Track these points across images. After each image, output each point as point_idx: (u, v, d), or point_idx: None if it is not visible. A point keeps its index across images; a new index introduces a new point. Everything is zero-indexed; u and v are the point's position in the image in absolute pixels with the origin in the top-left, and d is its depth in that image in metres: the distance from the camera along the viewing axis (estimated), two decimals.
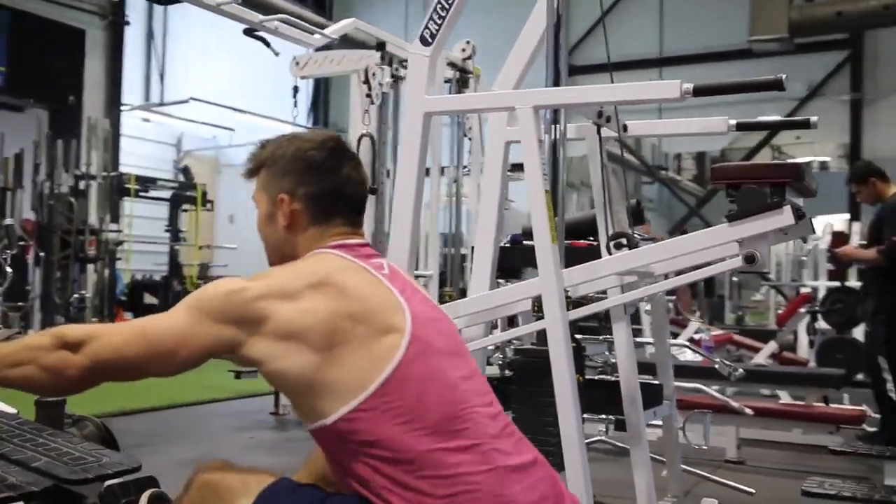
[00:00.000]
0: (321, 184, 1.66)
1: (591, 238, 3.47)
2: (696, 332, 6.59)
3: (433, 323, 1.59)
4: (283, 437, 5.45)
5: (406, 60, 5.77)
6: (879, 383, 5.39)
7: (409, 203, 2.87)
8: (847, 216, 12.32)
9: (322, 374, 1.45)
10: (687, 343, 4.48)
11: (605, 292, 3.10)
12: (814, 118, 2.91)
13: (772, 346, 6.64)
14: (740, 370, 3.55)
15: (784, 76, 2.34)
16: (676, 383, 3.67)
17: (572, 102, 2.68)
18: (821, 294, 8.48)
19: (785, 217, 2.41)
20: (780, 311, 13.15)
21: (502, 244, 3.39)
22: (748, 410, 4.05)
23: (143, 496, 2.39)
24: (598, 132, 3.01)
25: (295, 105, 6.67)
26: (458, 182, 5.98)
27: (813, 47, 11.87)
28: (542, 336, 3.13)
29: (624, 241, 2.83)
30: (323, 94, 15.54)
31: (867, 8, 10.77)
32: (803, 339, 8.19)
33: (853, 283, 8.32)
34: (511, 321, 3.50)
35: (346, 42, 7.02)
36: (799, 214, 2.52)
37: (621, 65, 3.70)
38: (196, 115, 14.88)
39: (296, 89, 6.67)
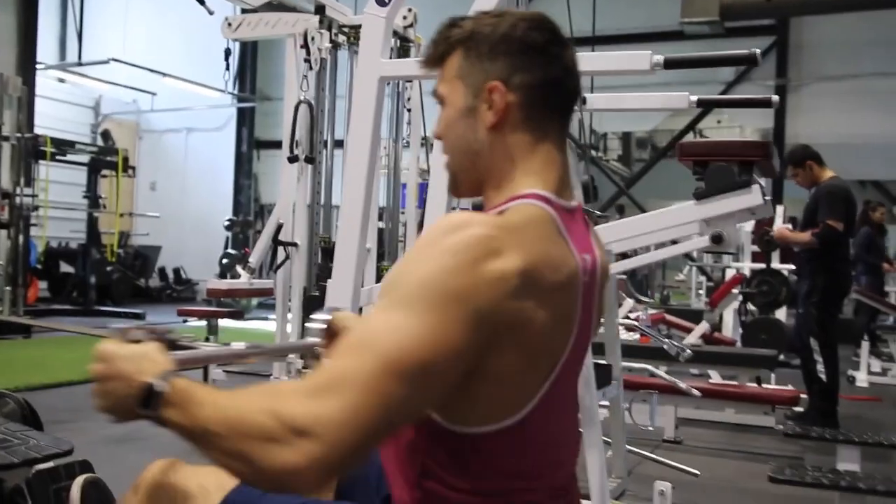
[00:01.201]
0: (543, 71, 1.25)
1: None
2: (631, 311, 6.61)
3: (579, 361, 1.28)
4: None
5: (345, 26, 5.59)
6: (809, 364, 5.49)
7: (363, 172, 2.73)
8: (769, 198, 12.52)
9: (502, 394, 1.14)
10: (637, 323, 4.45)
11: None
12: (775, 97, 2.87)
13: (704, 327, 6.71)
14: (688, 351, 3.53)
15: (758, 51, 2.27)
16: (623, 363, 3.63)
17: None
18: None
19: (754, 196, 2.36)
20: (700, 291, 13.47)
21: None
22: (696, 392, 4.04)
23: (76, 482, 2.20)
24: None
25: (227, 68, 6.38)
26: (397, 155, 5.82)
27: (741, 31, 12.06)
28: None
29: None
30: (250, 60, 15.10)
31: None
32: (728, 319, 8.34)
33: (777, 265, 8.49)
34: None
35: (274, 7, 6.76)
36: (763, 194, 2.48)
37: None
38: (116, 77, 14.28)
39: (227, 52, 6.39)
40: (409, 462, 1.23)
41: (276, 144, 14.98)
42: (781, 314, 9.00)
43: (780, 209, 10.57)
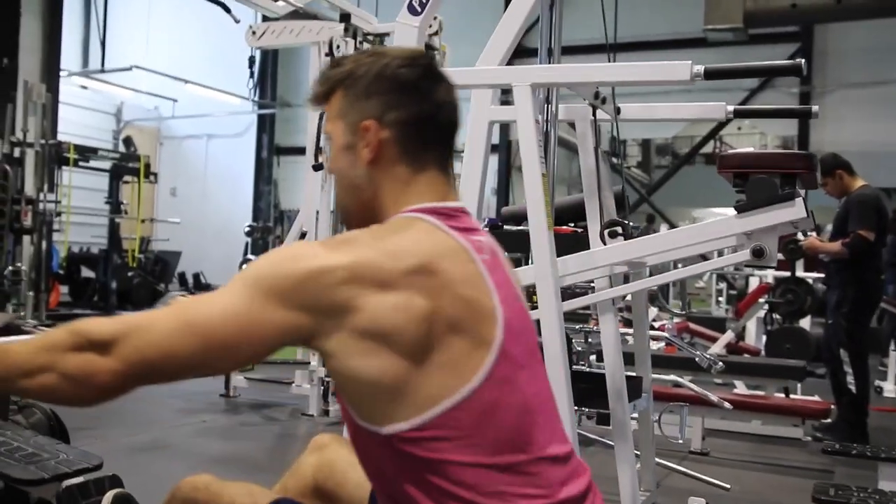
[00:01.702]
0: (415, 108, 1.34)
1: (573, 224, 3.35)
2: (654, 320, 6.55)
3: (523, 335, 1.33)
4: (236, 420, 5.23)
5: (370, 34, 5.58)
6: (839, 375, 5.42)
7: None
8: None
9: (402, 382, 1.20)
10: (667, 335, 4.40)
11: (591, 281, 2.99)
12: (815, 108, 2.82)
13: (729, 336, 6.64)
14: (720, 363, 3.48)
15: (803, 61, 2.22)
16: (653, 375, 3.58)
17: (574, 81, 2.54)
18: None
19: (797, 209, 2.31)
20: (720, 298, 13.36)
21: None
22: (727, 405, 3.99)
23: (106, 498, 2.19)
24: (594, 114, 2.87)
25: (252, 76, 6.39)
26: None
27: (765, 38, 11.95)
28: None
29: (619, 229, 2.71)
30: (271, 67, 15.14)
31: (819, 2, 10.85)
32: (751, 327, 8.27)
33: (802, 273, 8.41)
34: None
35: (298, 15, 6.76)
36: (806, 207, 2.43)
37: (574, 49, 3.58)
38: (137, 84, 14.37)
39: (252, 59, 6.41)
40: (391, 483, 1.26)
41: (297, 151, 15.19)
42: (806, 323, 8.93)
43: None
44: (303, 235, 5.40)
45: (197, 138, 15.62)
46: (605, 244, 2.76)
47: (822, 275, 8.39)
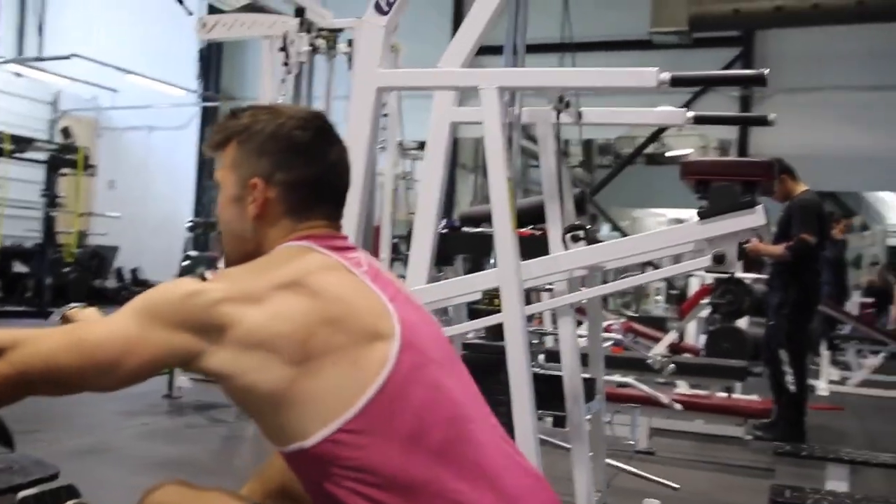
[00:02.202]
0: (304, 170, 1.40)
1: (531, 226, 3.36)
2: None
3: (424, 328, 1.38)
4: (180, 423, 5.13)
5: (324, 29, 5.52)
6: (778, 375, 5.55)
7: (359, 182, 2.68)
8: None
9: (298, 389, 1.23)
10: (619, 336, 4.44)
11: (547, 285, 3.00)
12: (772, 115, 2.88)
13: (672, 336, 6.74)
14: (672, 365, 3.53)
15: (766, 71, 2.27)
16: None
17: (542, 85, 2.54)
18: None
19: (757, 216, 2.35)
20: (657, 297, 13.62)
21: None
22: (678, 406, 4.05)
23: None
24: (558, 117, 2.89)
25: (202, 68, 6.26)
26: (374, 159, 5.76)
27: (709, 42, 12.17)
28: (490, 331, 3.01)
29: (581, 233, 2.73)
30: (215, 59, 14.86)
31: (761, 8, 11.10)
32: (690, 327, 8.42)
33: (739, 274, 8.59)
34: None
35: (247, 8, 6.67)
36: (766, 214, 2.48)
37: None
38: (76, 73, 13.98)
39: (203, 52, 6.28)
40: (326, 496, 1.27)
41: None
42: (743, 323, 9.14)
43: None
44: None
45: (137, 130, 15.27)
46: (566, 248, 2.78)
47: (759, 276, 8.62)
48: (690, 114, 2.92)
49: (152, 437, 4.77)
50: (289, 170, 1.39)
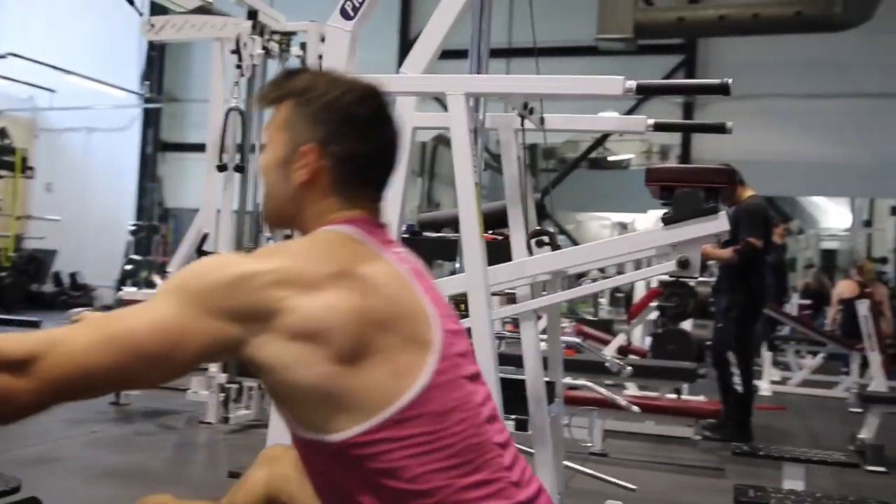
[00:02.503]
0: (358, 145, 1.34)
1: (491, 231, 3.37)
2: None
3: (458, 337, 1.36)
4: (129, 430, 5.02)
5: (277, 32, 5.47)
6: (726, 377, 5.67)
7: None
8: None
9: (338, 386, 1.19)
10: (578, 340, 4.49)
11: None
12: (730, 124, 2.94)
13: (621, 339, 6.84)
14: (629, 368, 3.59)
15: (730, 80, 2.32)
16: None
17: (508, 91, 2.56)
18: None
19: (720, 222, 2.41)
20: (601, 299, 13.72)
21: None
22: (635, 408, 4.11)
23: None
24: (522, 123, 2.91)
25: (150, 70, 6.15)
26: None
27: (653, 49, 12.38)
28: None
29: (546, 238, 2.75)
30: (157, 61, 14.60)
31: (704, 17, 11.35)
32: (636, 330, 8.56)
33: (685, 277, 8.75)
34: None
35: (197, 10, 6.57)
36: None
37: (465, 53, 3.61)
38: (12, 73, 13.60)
39: (150, 55, 6.18)
40: (341, 492, 1.25)
41: (184, 147, 14.74)
42: (688, 325, 9.32)
43: None
44: (204, 237, 5.23)
45: (77, 131, 14.91)
46: (531, 253, 2.80)
47: (704, 279, 8.78)
48: (651, 121, 2.97)
49: (102, 445, 4.66)
50: (344, 142, 1.33)
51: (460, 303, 2.74)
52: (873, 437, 5.00)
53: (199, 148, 14.32)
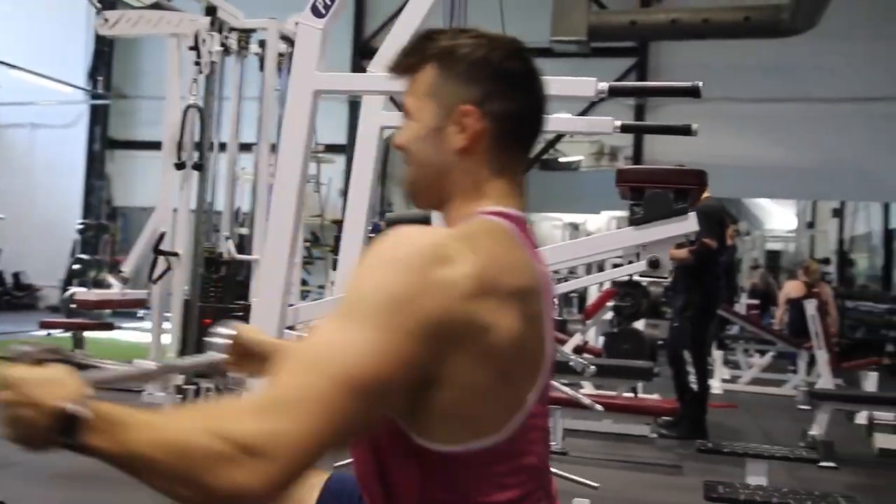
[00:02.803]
0: (516, 102, 1.24)
1: None
2: None
3: (550, 378, 1.27)
4: None
5: (235, 29, 5.40)
6: (682, 375, 5.77)
7: (294, 185, 2.66)
8: (624, 213, 13.20)
9: (487, 405, 1.11)
10: None
11: None
12: (695, 126, 2.99)
13: (578, 338, 6.91)
14: (592, 367, 3.63)
15: (700, 83, 2.36)
16: None
17: None
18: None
19: (690, 223, 2.45)
20: (554, 300, 13.82)
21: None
22: (599, 406, 4.15)
23: None
24: None
25: (104, 65, 6.03)
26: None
27: (606, 52, 12.54)
28: None
29: None
30: (106, 57, 14.30)
31: (656, 20, 11.54)
32: (590, 329, 8.66)
33: (638, 277, 8.89)
34: None
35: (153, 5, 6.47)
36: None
37: None
38: None
39: (98, 50, 6.05)
40: (379, 482, 1.18)
41: (133, 145, 14.48)
42: (640, 325, 9.45)
43: None
44: (161, 236, 5.14)
45: (20, 127, 14.56)
46: None
47: (656, 279, 8.89)
48: (618, 123, 3.01)
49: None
50: (503, 100, 1.23)
51: None
52: (823, 434, 5.12)
53: (150, 146, 14.14)
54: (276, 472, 0.96)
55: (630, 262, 2.70)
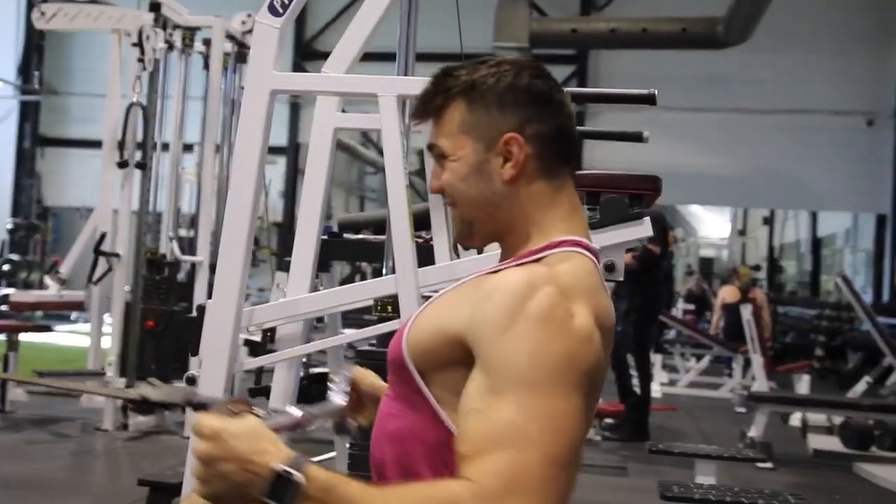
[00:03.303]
0: (553, 121, 1.23)
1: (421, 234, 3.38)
2: None
3: None
4: (19, 439, 4.75)
5: (179, 26, 5.32)
6: (625, 379, 5.86)
7: (250, 188, 2.62)
8: None
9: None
10: None
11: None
12: (646, 133, 3.04)
13: None
14: None
15: (655, 91, 2.40)
16: None
17: None
18: None
19: (644, 228, 2.48)
20: None
21: None
22: None
23: None
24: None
25: (38, 59, 5.86)
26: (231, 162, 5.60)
27: (547, 59, 12.64)
28: (383, 339, 3.00)
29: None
30: (36, 52, 13.88)
31: (597, 29, 11.73)
32: None
33: None
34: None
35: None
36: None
37: (365, 56, 3.53)
38: None
39: (28, 44, 5.88)
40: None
41: (65, 142, 14.09)
42: None
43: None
44: (102, 237, 5.02)
45: None
46: (457, 256, 2.82)
47: (612, 281, 9.02)
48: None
49: None
50: (540, 121, 1.22)
51: (388, 304, 2.74)
52: (761, 435, 5.25)
53: (82, 144, 13.76)
54: None
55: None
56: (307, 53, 12.89)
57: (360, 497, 1.00)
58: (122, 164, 4.94)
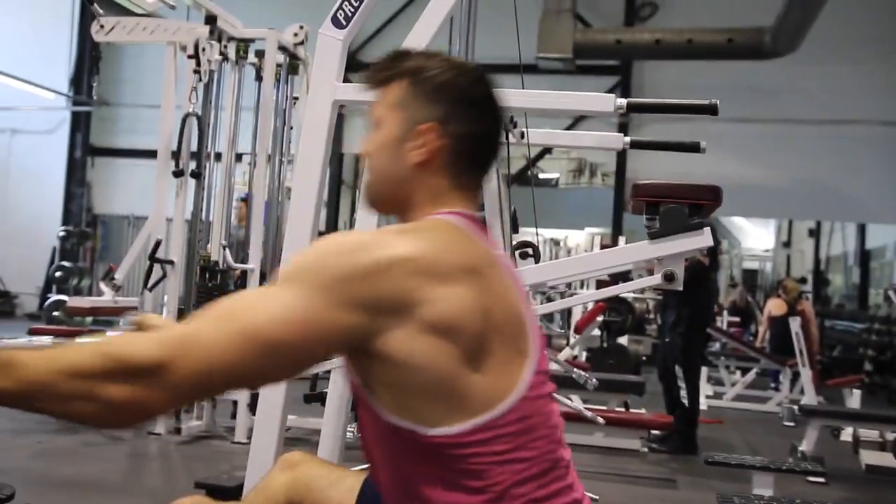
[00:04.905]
0: (476, 125, 1.34)
1: None
2: None
3: (543, 354, 1.33)
4: (76, 441, 4.84)
5: (233, 38, 5.42)
6: (673, 390, 5.82)
7: (312, 196, 2.67)
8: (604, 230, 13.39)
9: (457, 383, 1.17)
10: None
11: None
12: (703, 143, 3.04)
13: (568, 352, 6.95)
14: (594, 380, 3.66)
15: (717, 101, 2.41)
16: None
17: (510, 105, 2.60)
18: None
19: (705, 238, 2.49)
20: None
21: None
22: (600, 420, 4.18)
23: None
24: (507, 137, 2.95)
25: (97, 72, 6.01)
26: (283, 172, 5.68)
27: (591, 70, 12.65)
28: None
29: (530, 251, 2.80)
30: (93, 63, 14.16)
31: (641, 40, 11.69)
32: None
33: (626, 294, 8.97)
34: None
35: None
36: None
37: None
38: None
39: (81, 56, 6.02)
40: (411, 487, 1.23)
41: (115, 152, 14.37)
42: (623, 340, 9.53)
43: (621, 240, 11.20)
44: (157, 244, 5.13)
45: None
46: (515, 265, 2.84)
47: (639, 295, 9.00)
48: (628, 139, 3.05)
49: (48, 456, 4.50)
50: (463, 122, 1.32)
51: None
52: (812, 449, 5.18)
53: (130, 153, 13.99)
54: (167, 395, 1.05)
55: (640, 276, 2.75)
56: (351, 65, 12.98)
57: (26, 357, 1.04)
58: (178, 174, 5.04)
